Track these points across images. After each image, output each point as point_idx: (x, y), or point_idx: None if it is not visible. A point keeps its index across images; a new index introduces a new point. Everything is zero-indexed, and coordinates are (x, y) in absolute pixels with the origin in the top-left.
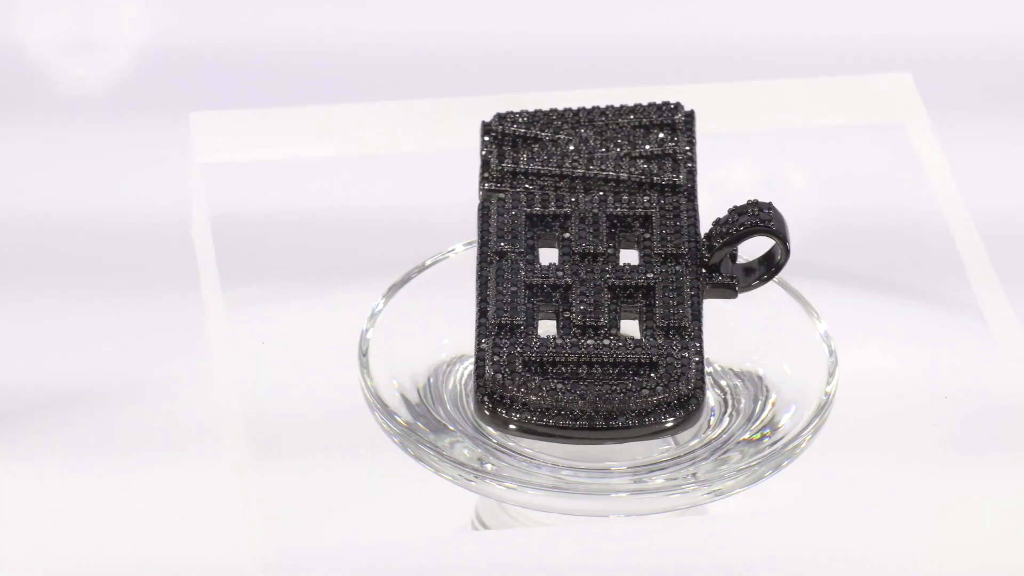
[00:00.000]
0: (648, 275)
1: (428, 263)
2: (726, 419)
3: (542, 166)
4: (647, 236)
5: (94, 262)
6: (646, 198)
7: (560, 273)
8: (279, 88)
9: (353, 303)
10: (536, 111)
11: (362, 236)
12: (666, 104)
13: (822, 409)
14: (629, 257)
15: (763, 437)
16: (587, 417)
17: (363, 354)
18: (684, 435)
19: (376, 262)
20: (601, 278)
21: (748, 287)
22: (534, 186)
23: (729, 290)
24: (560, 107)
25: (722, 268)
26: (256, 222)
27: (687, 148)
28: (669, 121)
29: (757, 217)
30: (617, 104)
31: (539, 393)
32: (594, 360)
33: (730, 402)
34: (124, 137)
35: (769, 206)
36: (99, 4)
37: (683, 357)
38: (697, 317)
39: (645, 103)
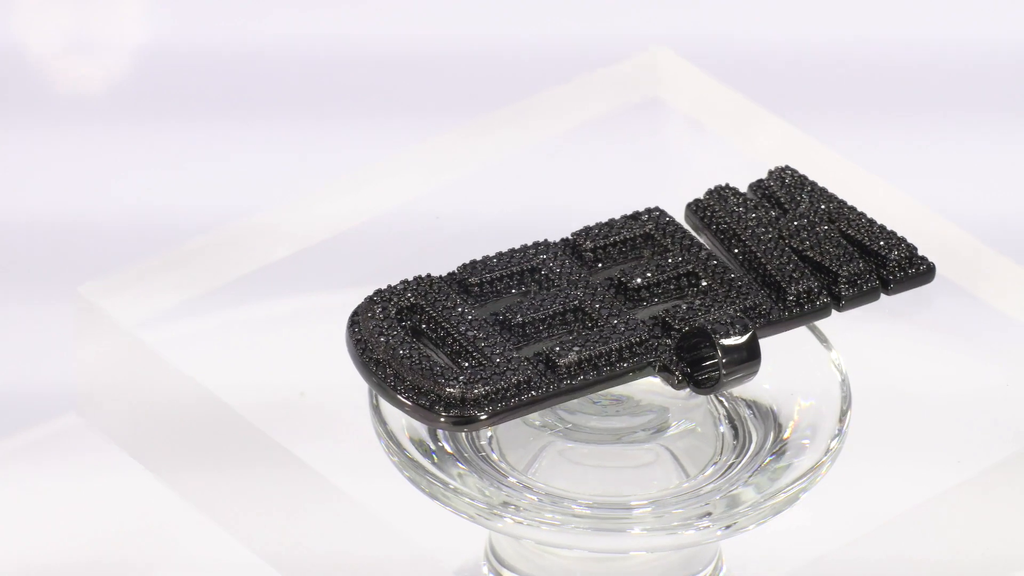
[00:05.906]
0: (606, 313)
1: None
2: (738, 451)
3: (725, 218)
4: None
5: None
6: (740, 283)
7: (560, 275)
8: None
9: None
10: (812, 182)
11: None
12: (907, 246)
13: (836, 439)
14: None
15: (777, 469)
16: (380, 366)
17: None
18: (693, 468)
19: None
20: (583, 294)
21: (699, 391)
22: (710, 229)
23: (672, 378)
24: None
25: (698, 363)
26: None
27: (862, 285)
28: (884, 255)
29: (694, 346)
30: (889, 226)
31: (366, 326)
32: (456, 336)
33: (741, 434)
34: None
35: (737, 351)
36: None
37: (482, 374)
38: (592, 369)
39: (902, 237)
